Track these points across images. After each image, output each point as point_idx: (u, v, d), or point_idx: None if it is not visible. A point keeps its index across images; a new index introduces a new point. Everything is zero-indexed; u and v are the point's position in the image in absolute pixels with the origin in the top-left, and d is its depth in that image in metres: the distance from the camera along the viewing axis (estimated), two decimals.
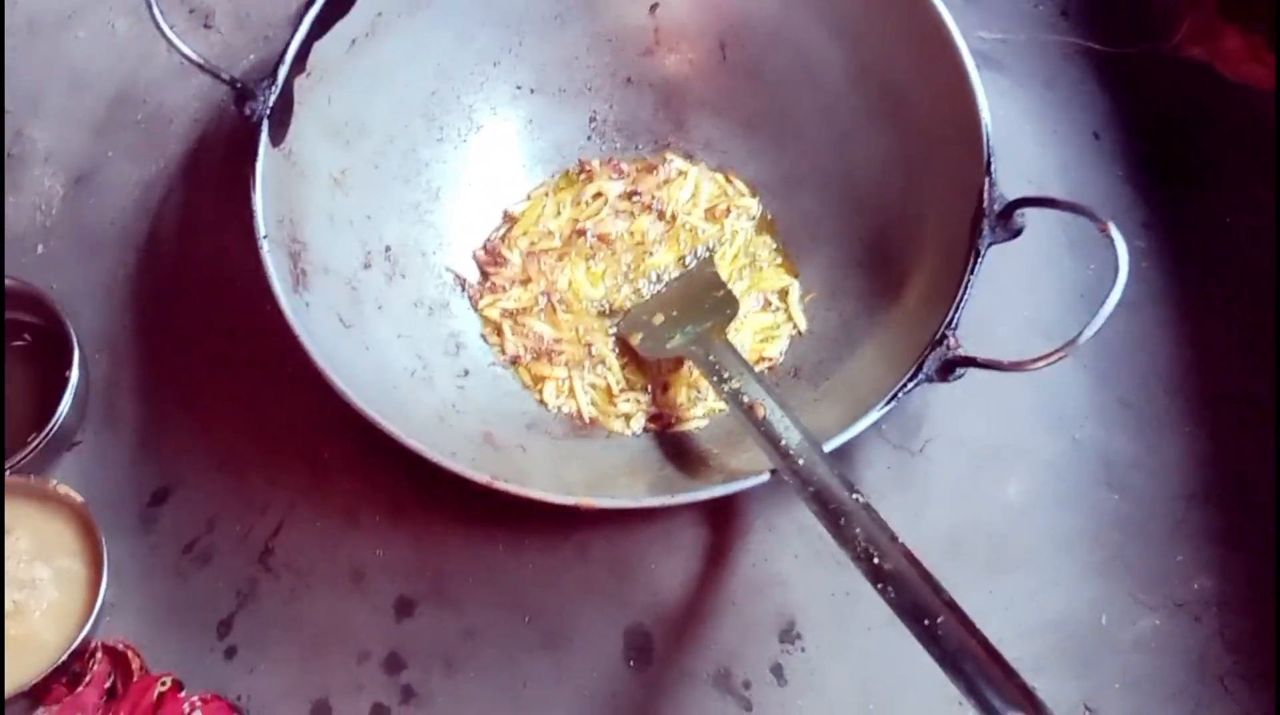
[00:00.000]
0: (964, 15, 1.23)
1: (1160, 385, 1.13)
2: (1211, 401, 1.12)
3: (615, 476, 1.04)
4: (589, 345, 1.13)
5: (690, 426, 1.10)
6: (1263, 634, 1.05)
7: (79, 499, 1.03)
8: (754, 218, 1.19)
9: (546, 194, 1.21)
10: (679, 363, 1.11)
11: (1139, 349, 1.14)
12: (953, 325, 0.93)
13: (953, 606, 0.80)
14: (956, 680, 0.77)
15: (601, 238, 1.17)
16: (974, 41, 1.21)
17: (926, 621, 0.79)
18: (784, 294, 1.15)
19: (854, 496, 0.86)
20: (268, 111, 1.00)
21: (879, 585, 0.82)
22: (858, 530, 0.84)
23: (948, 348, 0.93)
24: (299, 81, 1.04)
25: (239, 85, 1.00)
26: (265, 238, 0.97)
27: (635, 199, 1.19)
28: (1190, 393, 1.12)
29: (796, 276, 1.16)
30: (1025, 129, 1.21)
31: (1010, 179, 0.96)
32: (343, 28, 1.06)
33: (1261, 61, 1.17)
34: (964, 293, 0.94)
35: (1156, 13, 1.20)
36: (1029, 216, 0.95)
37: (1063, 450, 1.10)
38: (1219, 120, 1.22)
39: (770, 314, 1.14)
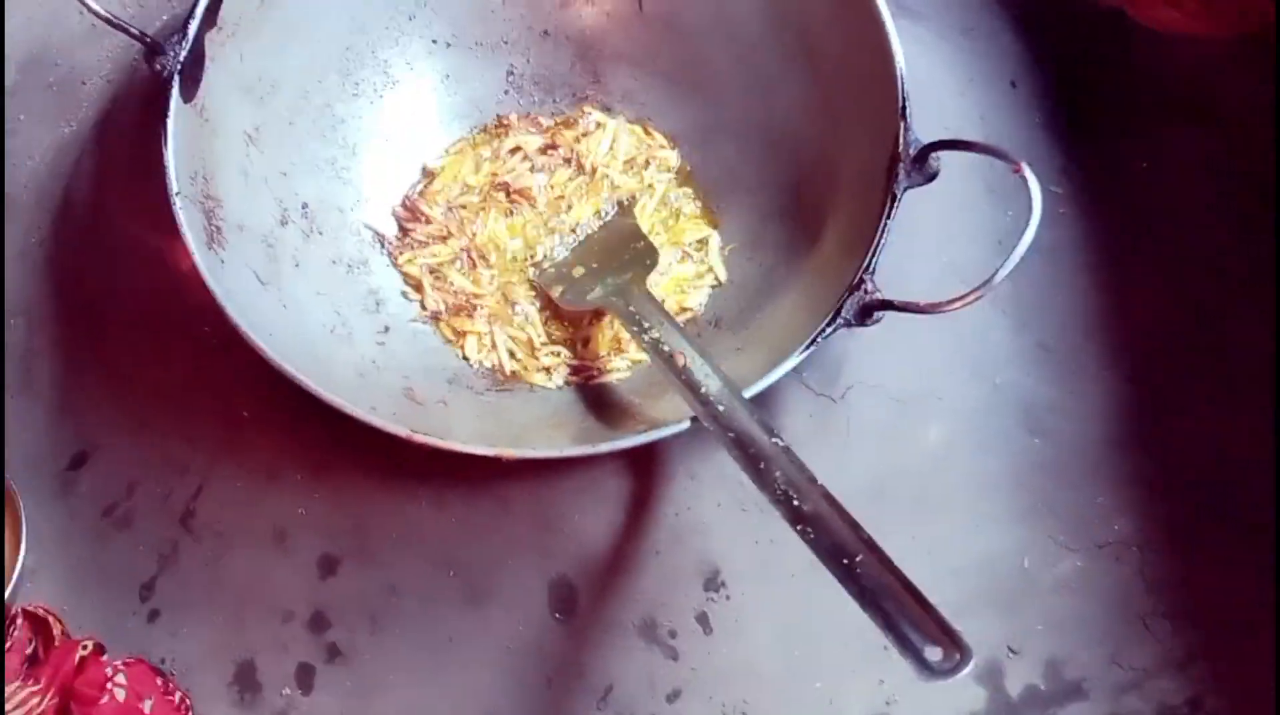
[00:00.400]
0: None
1: (1079, 329, 1.13)
2: (1129, 345, 1.13)
3: (538, 429, 1.04)
4: (510, 300, 1.13)
5: (612, 378, 1.09)
6: (1182, 573, 1.06)
7: (13, 487, 1.03)
8: (673, 169, 1.18)
9: (464, 149, 1.20)
10: (600, 315, 1.11)
11: (1057, 294, 1.14)
12: (870, 269, 0.93)
13: (871, 546, 0.80)
14: (876, 618, 0.78)
15: (520, 192, 1.16)
16: None
17: (845, 561, 0.80)
18: (703, 244, 1.15)
19: (773, 441, 0.86)
20: (179, 67, 0.99)
21: (799, 527, 0.83)
22: (777, 474, 0.85)
23: (865, 292, 0.93)
24: (210, 37, 1.02)
25: (149, 41, 0.99)
26: (178, 194, 0.96)
27: (553, 153, 1.18)
28: (1108, 336, 1.13)
29: (717, 227, 1.15)
30: (943, 78, 1.21)
31: (928, 127, 0.97)
32: None
33: (1174, 6, 1.18)
34: (881, 237, 0.94)
35: None
36: (947, 164, 0.95)
37: (983, 395, 1.11)
38: (1134, 66, 1.22)
39: (691, 264, 1.14)
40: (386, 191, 1.17)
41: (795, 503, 0.83)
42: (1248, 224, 1.16)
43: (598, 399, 1.08)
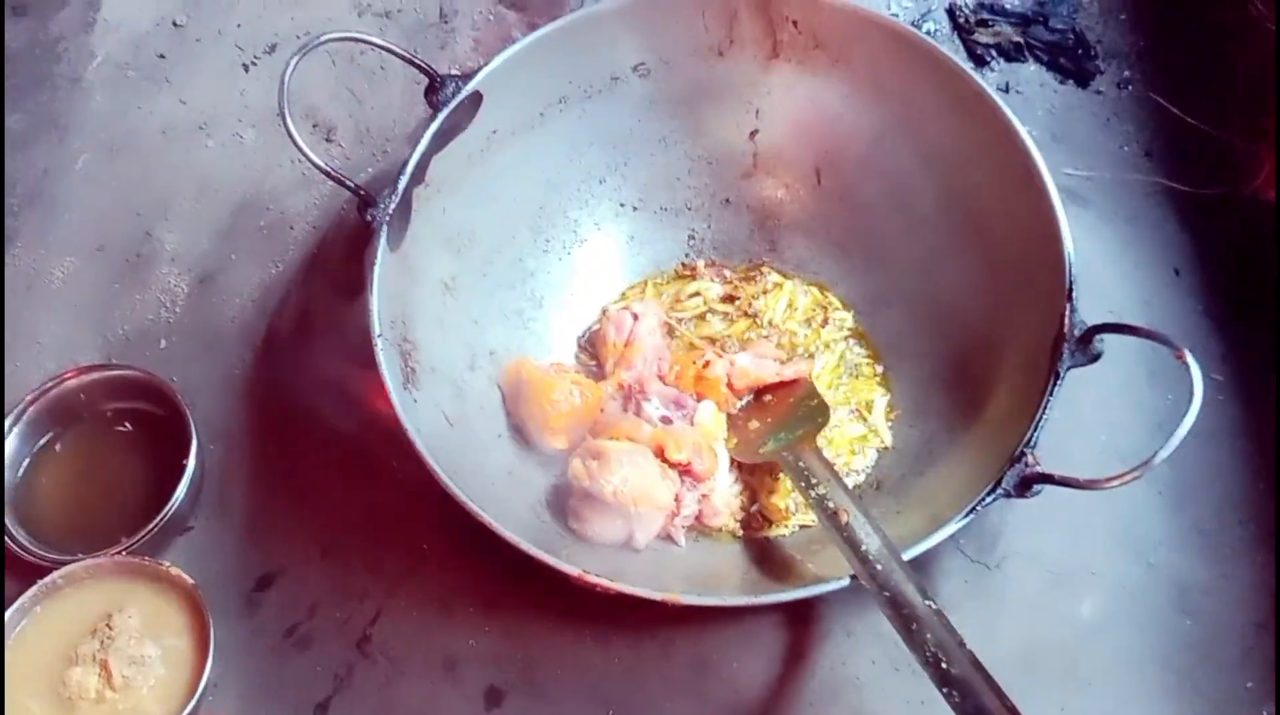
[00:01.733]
0: (1052, 152, 1.28)
1: (1234, 514, 1.15)
2: None
3: (703, 577, 1.08)
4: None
5: (777, 532, 1.13)
6: None
7: (189, 581, 1.08)
8: (848, 329, 1.23)
9: (646, 285, 1.28)
10: (775, 470, 1.15)
11: (1214, 478, 1.16)
12: (1032, 443, 0.97)
13: (1014, 712, 0.83)
14: None
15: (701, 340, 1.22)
16: (1060, 178, 1.26)
17: None
18: (870, 407, 1.19)
19: (927, 603, 0.90)
20: (388, 218, 1.07)
21: (944, 689, 0.86)
22: (928, 635, 0.89)
23: (1026, 465, 0.96)
24: (417, 191, 1.10)
25: (363, 193, 1.07)
26: (380, 336, 1.03)
27: (735, 303, 1.24)
28: (1264, 522, 1.15)
29: (889, 390, 1.20)
30: (1107, 263, 1.25)
31: (1092, 309, 1.00)
32: (461, 142, 1.14)
33: None
34: (1043, 412, 0.98)
35: (1238, 157, 1.24)
36: (1111, 347, 0.99)
37: (1137, 573, 1.13)
38: None
39: (860, 425, 1.18)
40: (568, 340, 1.24)
41: (944, 665, 0.87)
42: None
43: (761, 553, 1.12)
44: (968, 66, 1.12)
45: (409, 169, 1.09)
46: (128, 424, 1.19)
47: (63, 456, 1.18)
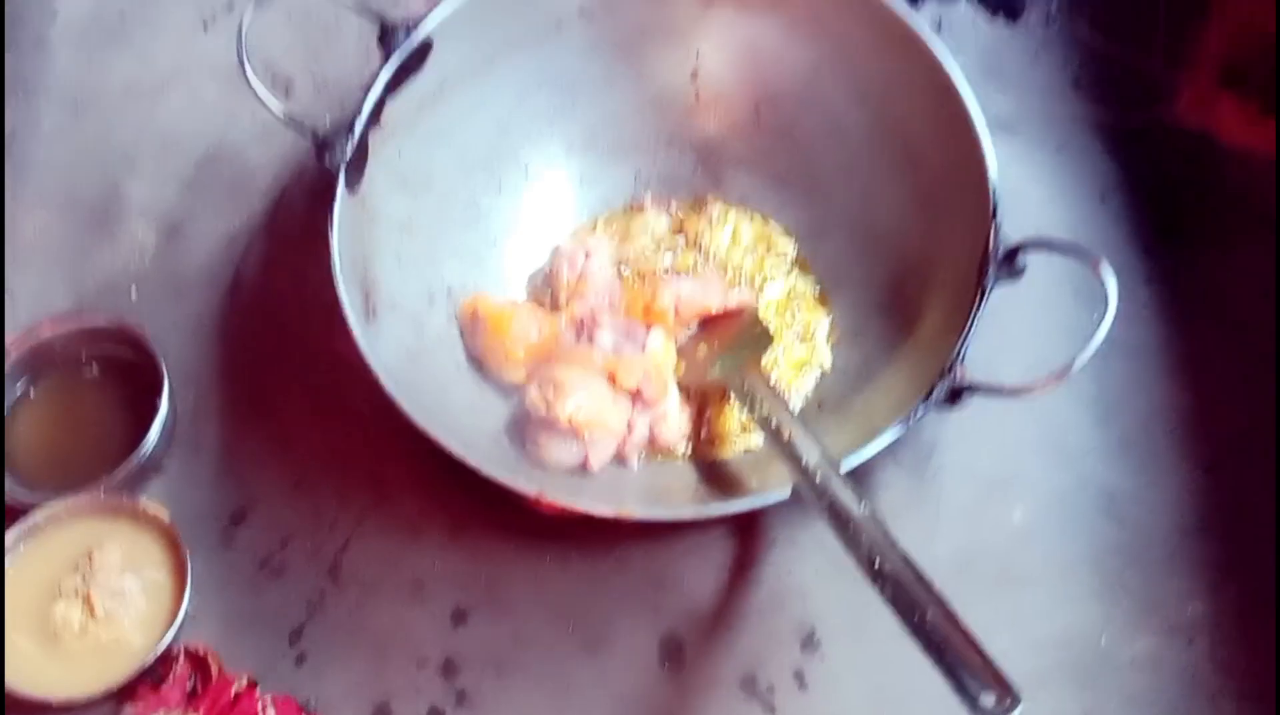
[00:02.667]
0: (982, 86, 1.31)
1: (1160, 425, 1.21)
2: (1208, 441, 1.20)
3: (655, 495, 1.14)
4: None
5: (724, 454, 1.19)
6: (1252, 656, 1.12)
7: (165, 516, 1.13)
8: (790, 257, 1.29)
9: (595, 225, 1.33)
10: (722, 394, 1.20)
11: (1140, 391, 1.22)
12: (961, 357, 1.03)
13: (939, 602, 0.90)
14: (939, 666, 0.87)
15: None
16: (990, 110, 1.29)
17: (917, 615, 0.90)
18: (811, 329, 1.25)
19: (862, 506, 0.96)
20: (345, 160, 1.11)
21: (878, 584, 0.93)
22: (863, 536, 0.95)
23: (956, 377, 1.02)
24: (373, 135, 1.15)
25: (319, 137, 1.12)
26: (340, 273, 1.08)
27: (680, 236, 1.30)
28: (1188, 433, 1.20)
29: (830, 314, 1.25)
30: (1036, 190, 1.30)
31: (1020, 233, 1.06)
32: (413, 88, 1.18)
33: (1256, 127, 1.25)
34: (971, 326, 1.04)
35: (1160, 82, 1.29)
36: (1039, 271, 1.05)
37: (1066, 482, 1.18)
38: (1217, 183, 1.30)
39: (804, 347, 1.24)
40: (523, 277, 1.29)
41: (877, 563, 0.93)
42: None
43: (710, 472, 1.17)
44: (898, 4, 1.17)
45: (364, 113, 1.14)
46: (101, 370, 1.24)
47: (40, 403, 1.23)
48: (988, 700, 0.84)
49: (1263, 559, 1.15)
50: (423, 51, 1.17)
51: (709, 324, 1.23)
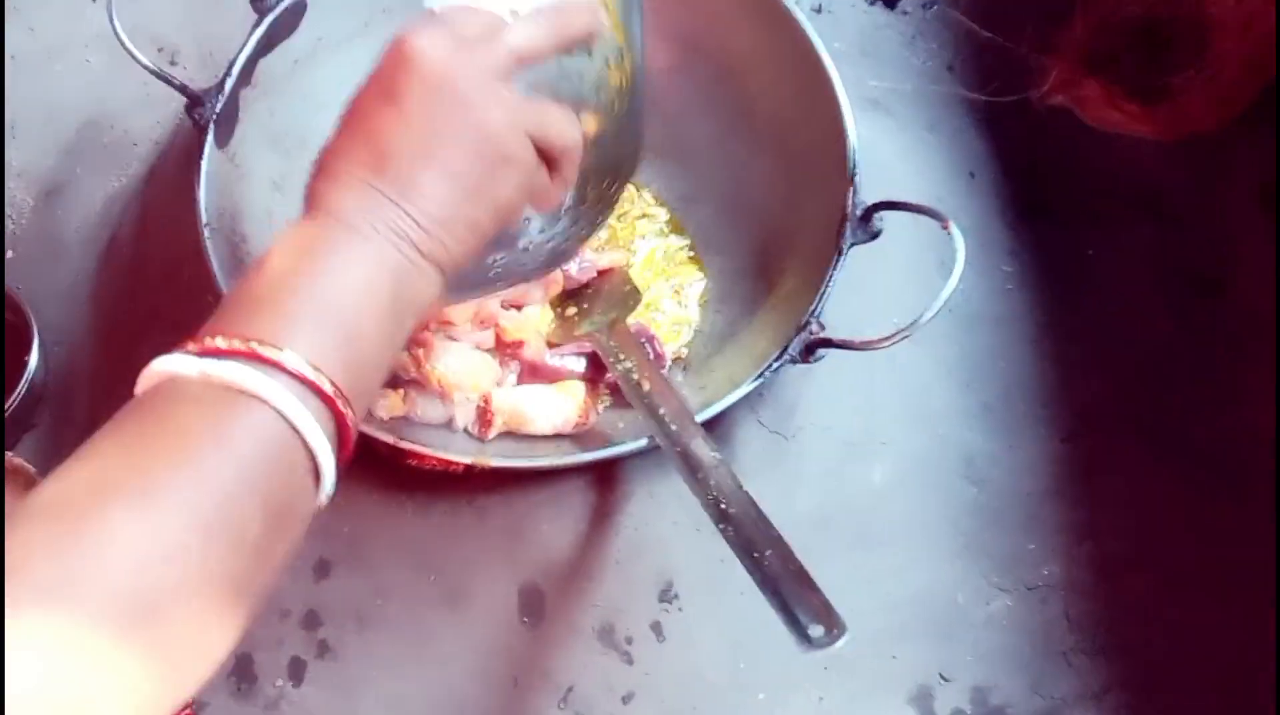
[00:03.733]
0: (858, 66, 1.36)
1: (1020, 393, 1.24)
2: (1065, 410, 1.23)
3: (514, 447, 1.15)
4: None
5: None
6: (1101, 615, 1.15)
7: (31, 470, 1.13)
8: (663, 223, 1.30)
9: None
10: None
11: (1001, 359, 1.25)
12: (817, 313, 1.06)
13: (778, 541, 0.93)
14: (773, 601, 0.90)
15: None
16: (865, 89, 1.35)
17: (755, 554, 0.92)
18: (683, 289, 1.27)
19: (712, 454, 0.98)
20: (215, 116, 1.12)
21: (722, 526, 0.95)
22: (712, 482, 0.97)
23: (810, 332, 1.05)
24: (244, 93, 1.16)
25: (191, 93, 1.13)
26: (207, 225, 1.09)
27: None
28: (1046, 401, 1.23)
29: (706, 276, 1.28)
30: (907, 166, 1.33)
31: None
32: (287, 47, 1.19)
33: (1118, 108, 1.29)
34: (828, 283, 1.07)
35: (1030, 66, 1.32)
36: (901, 239, 1.09)
37: (926, 443, 1.21)
38: (1082, 163, 1.33)
39: (678, 305, 1.26)
40: None
41: (722, 506, 0.95)
42: (1182, 309, 1.27)
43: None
44: None
45: (235, 70, 1.15)
46: None
47: None
48: (815, 631, 0.86)
49: (1114, 524, 1.19)
50: (296, 12, 1.18)
51: (580, 286, 1.25)
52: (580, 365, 1.19)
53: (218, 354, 0.70)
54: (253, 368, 0.68)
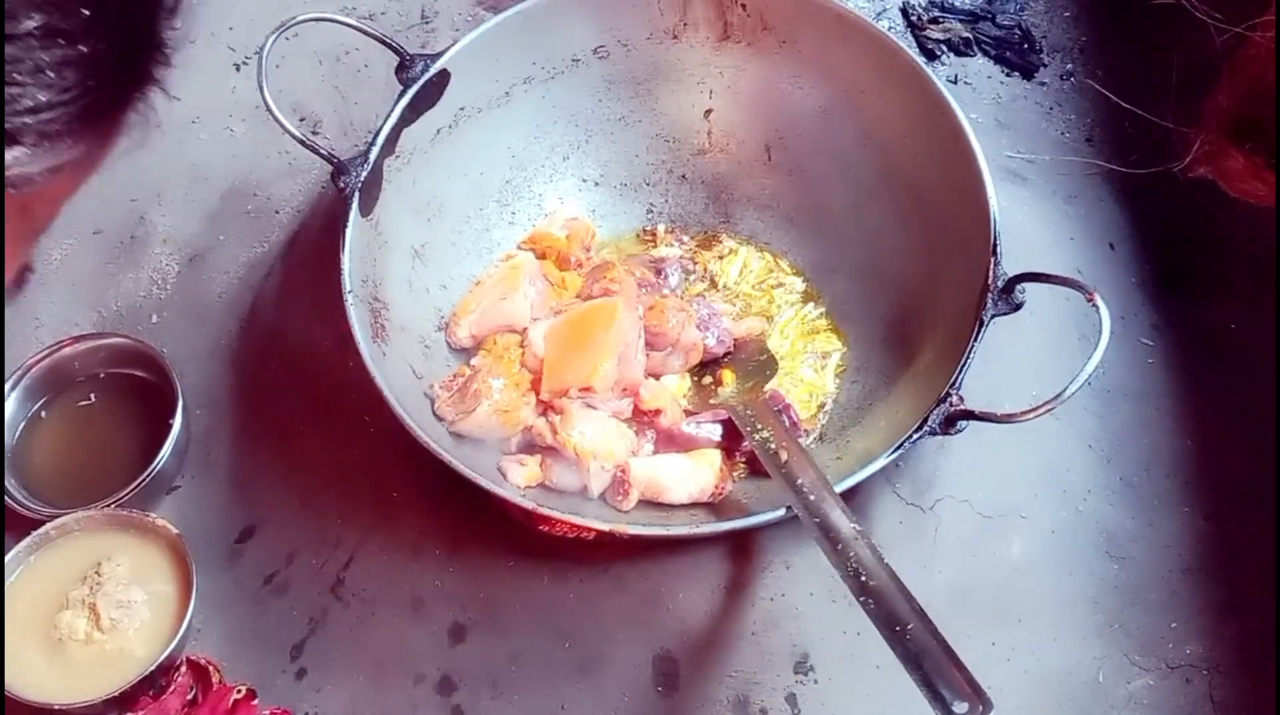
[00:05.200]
0: (996, 138, 1.36)
1: (1161, 469, 1.21)
2: (1208, 486, 1.21)
3: (651, 516, 1.14)
4: None
5: None
6: (1248, 697, 1.12)
7: (174, 531, 1.14)
8: (799, 293, 1.30)
9: (611, 247, 1.35)
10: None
11: (1143, 435, 1.23)
12: (957, 385, 1.04)
13: (922, 615, 0.92)
14: (915, 675, 0.89)
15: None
16: (1003, 160, 1.34)
17: (898, 628, 0.91)
18: (825, 358, 1.26)
19: (852, 525, 0.98)
20: (359, 185, 1.14)
21: (862, 599, 0.94)
22: (851, 553, 0.96)
23: (951, 404, 1.04)
24: (388, 162, 1.18)
25: (337, 161, 1.15)
26: (350, 292, 1.11)
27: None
28: (1188, 477, 1.21)
29: (846, 345, 1.27)
30: (1045, 237, 1.32)
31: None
32: (430, 117, 1.21)
33: (1262, 180, 1.27)
34: (969, 356, 1.05)
35: (1171, 137, 1.30)
36: (1044, 312, 1.07)
37: (1066, 519, 1.19)
38: (1224, 234, 1.32)
39: (817, 375, 1.25)
40: None
41: (862, 578, 0.95)
42: None
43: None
44: (907, 51, 1.19)
45: (380, 139, 1.17)
46: (119, 390, 1.26)
47: (58, 419, 1.25)
48: (961, 708, 0.84)
49: (1260, 603, 1.15)
50: (440, 83, 1.21)
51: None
52: (716, 433, 1.19)
53: None
54: None
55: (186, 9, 1.15)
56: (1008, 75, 1.45)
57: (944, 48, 1.47)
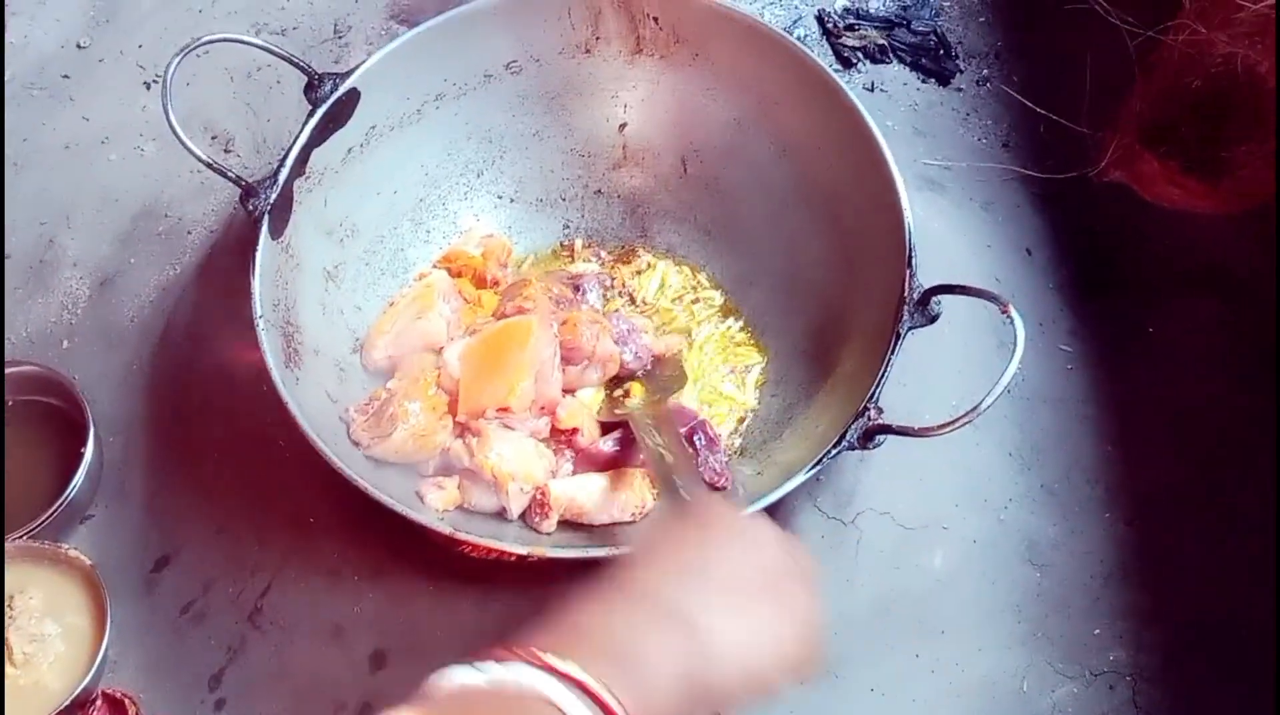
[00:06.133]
0: (913, 145, 1.36)
1: (1082, 476, 1.22)
2: (1128, 492, 1.21)
3: (569, 537, 1.14)
4: None
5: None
6: (1171, 702, 1.12)
7: (87, 561, 1.13)
8: (717, 307, 1.30)
9: (527, 260, 1.34)
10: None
11: (1064, 442, 1.23)
12: (874, 399, 1.04)
13: None
14: None
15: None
16: (919, 168, 1.34)
17: None
18: (745, 370, 1.26)
19: None
20: (268, 207, 1.12)
21: None
22: None
23: (869, 418, 1.03)
24: (298, 183, 1.16)
25: (245, 184, 1.13)
26: (261, 317, 1.09)
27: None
28: (1109, 483, 1.21)
29: (766, 358, 1.27)
30: (962, 244, 1.32)
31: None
32: (341, 137, 1.20)
33: (1176, 184, 1.27)
34: (886, 369, 1.05)
35: (1086, 142, 1.31)
36: (960, 321, 1.07)
37: (988, 528, 1.19)
38: (1140, 238, 1.32)
39: (736, 387, 1.25)
40: None
41: None
42: (1248, 385, 1.25)
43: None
44: (835, 69, 1.20)
45: (289, 161, 1.15)
46: (29, 418, 1.24)
47: None
48: None
49: (1182, 608, 1.16)
50: (350, 101, 1.19)
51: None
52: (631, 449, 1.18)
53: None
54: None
55: (95, 28, 1.13)
56: (924, 82, 1.45)
57: (860, 55, 1.46)
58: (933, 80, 1.45)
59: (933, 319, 1.06)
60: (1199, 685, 1.13)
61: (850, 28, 1.48)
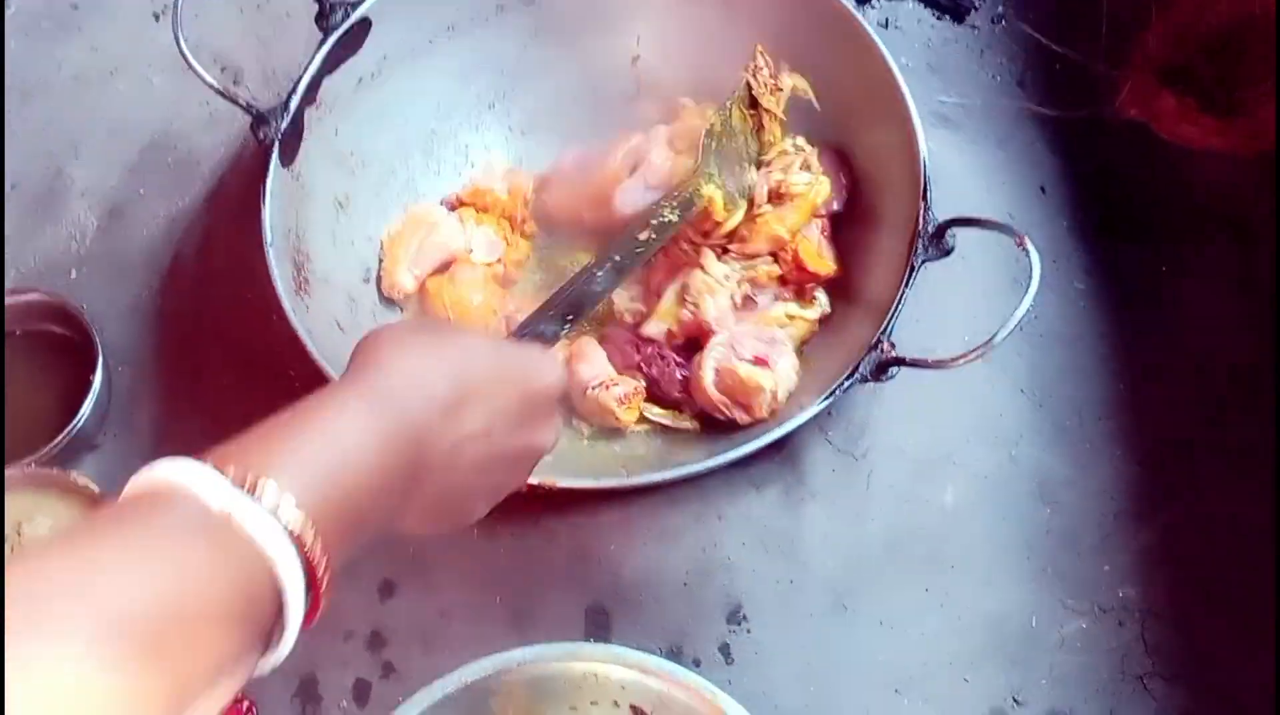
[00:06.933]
0: (927, 82, 1.35)
1: (1094, 412, 1.21)
2: (1141, 431, 1.20)
3: (583, 468, 1.13)
4: None
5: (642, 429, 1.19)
6: (1180, 639, 1.13)
7: (95, 489, 1.12)
8: None
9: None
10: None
11: (1076, 379, 1.23)
12: (888, 332, 1.04)
13: None
14: None
15: None
16: (934, 104, 1.33)
17: None
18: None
19: None
20: (279, 135, 1.12)
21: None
22: None
23: (881, 351, 1.03)
24: (309, 112, 1.16)
25: (256, 111, 1.12)
26: (271, 245, 1.09)
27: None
28: (1122, 420, 1.21)
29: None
30: (977, 182, 1.31)
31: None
32: (352, 66, 1.19)
33: (1193, 123, 1.27)
34: (899, 301, 1.05)
35: (1101, 80, 1.30)
36: (976, 258, 1.07)
37: (999, 464, 1.19)
38: (1156, 177, 1.31)
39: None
40: None
41: None
42: (1258, 326, 1.24)
43: (629, 452, 1.18)
44: (850, 4, 1.18)
45: (300, 89, 1.14)
46: (37, 346, 1.24)
47: None
48: None
49: (1192, 547, 1.16)
50: (361, 30, 1.18)
51: None
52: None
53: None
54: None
55: None
56: (938, 19, 1.43)
57: None
58: (947, 17, 1.43)
59: (948, 252, 1.06)
60: (1207, 622, 1.13)
61: None
